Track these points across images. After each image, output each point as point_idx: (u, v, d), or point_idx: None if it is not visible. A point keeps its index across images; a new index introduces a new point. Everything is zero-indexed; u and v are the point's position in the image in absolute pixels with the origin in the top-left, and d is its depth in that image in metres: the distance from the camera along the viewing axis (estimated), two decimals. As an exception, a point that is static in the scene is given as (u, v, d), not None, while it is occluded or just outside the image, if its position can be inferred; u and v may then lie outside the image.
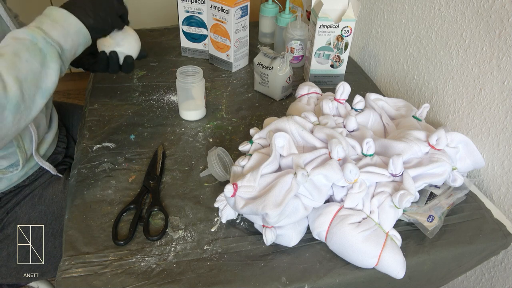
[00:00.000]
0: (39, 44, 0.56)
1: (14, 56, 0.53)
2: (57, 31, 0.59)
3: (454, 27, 0.77)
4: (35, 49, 0.55)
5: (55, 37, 0.58)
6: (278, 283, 0.57)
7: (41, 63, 0.56)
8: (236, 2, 0.95)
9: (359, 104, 0.76)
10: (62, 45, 0.59)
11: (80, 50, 0.64)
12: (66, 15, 0.60)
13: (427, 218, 0.63)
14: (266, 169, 0.58)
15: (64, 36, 0.59)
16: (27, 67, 0.54)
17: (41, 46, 0.56)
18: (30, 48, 0.55)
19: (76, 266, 0.57)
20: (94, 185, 0.70)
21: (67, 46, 0.60)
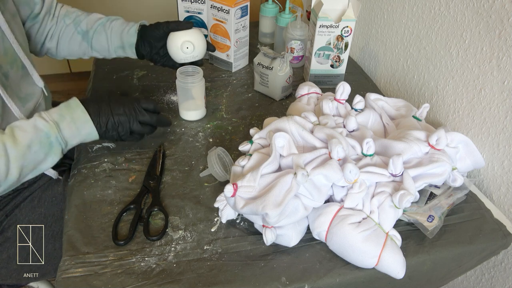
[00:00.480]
0: (51, 139, 0.64)
1: (27, 148, 0.61)
2: (70, 131, 0.66)
3: (454, 27, 0.77)
4: (46, 143, 0.63)
5: (66, 136, 0.65)
6: (278, 283, 0.57)
7: (45, 154, 0.64)
8: (236, 2, 0.95)
9: (359, 104, 0.76)
10: (69, 142, 0.67)
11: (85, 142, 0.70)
12: (84, 119, 0.67)
13: (427, 218, 0.63)
14: (266, 169, 0.58)
15: (74, 136, 0.67)
16: (32, 157, 0.62)
17: (51, 141, 0.64)
18: (43, 141, 0.63)
19: (76, 266, 0.57)
20: (94, 185, 0.70)
21: (73, 143, 0.68)
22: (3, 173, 0.59)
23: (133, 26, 0.85)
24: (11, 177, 0.60)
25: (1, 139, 0.60)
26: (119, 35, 0.85)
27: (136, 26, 0.85)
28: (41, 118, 0.63)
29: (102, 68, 1.04)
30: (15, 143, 0.60)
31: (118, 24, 0.86)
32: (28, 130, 0.62)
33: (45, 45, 0.86)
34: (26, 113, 0.73)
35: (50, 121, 0.64)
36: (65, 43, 0.86)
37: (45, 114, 0.65)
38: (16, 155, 0.60)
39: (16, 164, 0.60)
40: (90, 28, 0.85)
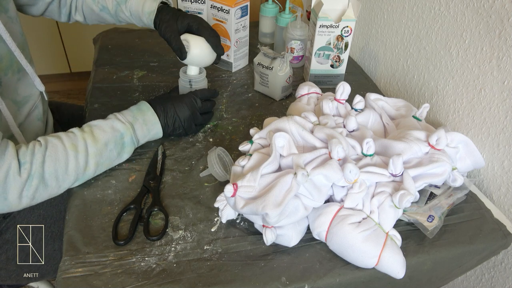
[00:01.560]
0: (125, 139, 0.70)
1: (104, 145, 0.67)
2: (142, 132, 0.72)
3: (454, 27, 0.77)
4: (120, 142, 0.69)
5: (139, 136, 0.72)
6: (278, 283, 0.57)
7: (118, 153, 0.70)
8: (236, 2, 0.95)
9: (359, 104, 0.76)
10: (140, 142, 0.73)
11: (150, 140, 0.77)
12: (154, 121, 0.74)
13: (427, 218, 0.63)
14: (266, 169, 0.58)
15: (144, 136, 0.73)
16: (108, 155, 0.68)
17: (125, 140, 0.70)
18: (118, 141, 0.69)
19: (76, 266, 0.57)
20: (94, 185, 0.70)
21: (142, 142, 0.74)
22: (82, 168, 0.65)
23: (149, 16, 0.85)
24: (88, 172, 0.66)
25: (82, 136, 0.65)
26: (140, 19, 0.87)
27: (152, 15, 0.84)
28: (118, 120, 0.69)
29: (102, 68, 1.04)
30: (94, 141, 0.65)
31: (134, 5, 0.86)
32: (107, 130, 0.67)
33: (73, 17, 0.91)
34: (22, 116, 0.73)
35: (126, 123, 0.70)
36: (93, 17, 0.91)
37: (119, 115, 0.71)
38: (95, 152, 0.65)
39: (94, 160, 0.65)
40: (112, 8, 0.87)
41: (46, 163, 0.60)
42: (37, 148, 0.61)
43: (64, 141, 0.63)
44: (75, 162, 0.63)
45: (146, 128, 0.72)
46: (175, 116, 0.76)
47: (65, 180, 0.63)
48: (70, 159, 0.63)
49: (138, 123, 0.71)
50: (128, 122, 0.70)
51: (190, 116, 0.77)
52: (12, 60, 0.70)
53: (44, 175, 0.60)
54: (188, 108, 0.77)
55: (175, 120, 0.76)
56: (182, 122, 0.76)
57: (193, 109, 0.78)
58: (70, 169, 0.63)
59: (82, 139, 0.64)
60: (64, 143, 0.63)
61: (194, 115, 0.78)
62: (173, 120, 0.76)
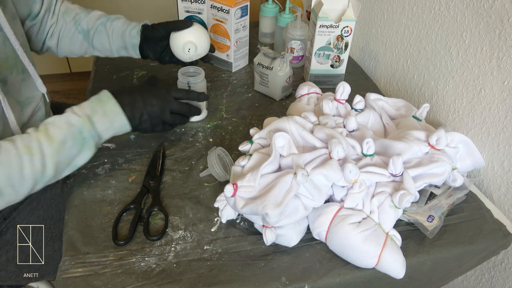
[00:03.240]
0: (84, 133, 0.64)
1: (61, 143, 0.61)
2: (103, 125, 0.66)
3: (454, 27, 0.77)
4: (79, 138, 0.63)
5: (99, 130, 0.65)
6: (278, 283, 0.57)
7: (79, 149, 0.64)
8: (236, 2, 0.95)
9: (359, 104, 0.76)
10: (102, 136, 0.67)
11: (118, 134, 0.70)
12: (117, 112, 0.67)
13: (427, 218, 0.63)
14: (266, 169, 0.58)
15: (107, 129, 0.66)
16: (67, 153, 0.62)
17: (85, 135, 0.64)
18: (76, 136, 0.63)
19: (76, 266, 0.57)
20: (94, 185, 0.70)
21: (106, 136, 0.67)
22: (40, 170, 0.60)
23: (135, 27, 0.84)
24: (47, 174, 0.61)
25: (36, 137, 0.60)
26: (121, 36, 0.84)
27: (138, 27, 0.84)
28: (74, 113, 0.64)
29: (102, 68, 1.04)
30: (49, 140, 0.61)
31: (119, 24, 0.85)
32: (62, 126, 0.62)
33: (46, 43, 0.86)
34: (25, 117, 0.73)
35: (83, 116, 0.64)
36: (66, 41, 0.85)
37: (76, 108, 0.65)
38: (51, 152, 0.60)
39: (52, 161, 0.61)
40: (91, 28, 0.84)
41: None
42: None
43: (17, 144, 0.59)
44: (31, 165, 0.58)
45: (107, 120, 0.66)
46: (142, 109, 0.69)
47: (22, 186, 0.59)
48: (24, 163, 0.58)
49: (97, 115, 0.65)
50: (85, 115, 0.64)
51: (158, 111, 0.71)
52: (17, 60, 0.69)
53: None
54: (158, 103, 0.71)
55: (143, 113, 0.69)
56: (149, 117, 0.70)
57: (164, 105, 0.71)
58: (26, 174, 0.58)
59: (36, 140, 0.60)
60: (17, 146, 0.58)
61: (163, 111, 0.72)
62: (141, 112, 0.69)
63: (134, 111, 0.68)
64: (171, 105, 0.73)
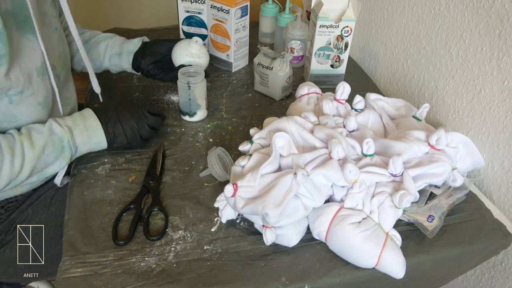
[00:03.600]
0: (64, 143, 0.66)
1: (42, 149, 0.64)
2: (82, 138, 0.69)
3: (454, 27, 0.77)
4: (58, 146, 0.66)
5: (77, 142, 0.68)
6: (278, 283, 0.57)
7: (56, 157, 0.66)
8: (236, 2, 0.95)
9: (359, 104, 0.76)
10: (79, 149, 0.69)
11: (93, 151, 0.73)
12: (97, 127, 0.70)
13: (427, 218, 0.63)
14: (266, 169, 0.58)
15: (84, 144, 0.69)
16: (45, 159, 0.65)
17: (64, 145, 0.66)
18: (56, 144, 0.65)
19: (76, 266, 0.57)
20: (94, 185, 0.70)
21: (82, 150, 0.70)
22: (17, 172, 0.61)
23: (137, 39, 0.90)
24: (22, 176, 0.63)
25: (19, 140, 0.62)
26: (120, 44, 0.89)
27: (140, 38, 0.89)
28: (56, 123, 0.66)
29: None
30: (32, 145, 0.63)
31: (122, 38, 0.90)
32: (44, 133, 0.65)
33: None
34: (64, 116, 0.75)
35: (64, 126, 0.67)
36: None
37: (58, 119, 0.68)
38: (31, 156, 0.62)
39: (30, 165, 0.62)
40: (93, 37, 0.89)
41: None
42: None
43: (1, 143, 0.60)
44: (10, 166, 0.60)
45: (86, 134, 0.68)
46: (116, 122, 0.71)
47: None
48: (5, 162, 0.59)
49: (77, 128, 0.68)
50: (66, 126, 0.67)
51: (133, 125, 0.72)
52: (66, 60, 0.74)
53: None
54: (133, 116, 0.73)
55: (117, 127, 0.71)
56: (124, 130, 0.72)
57: (139, 119, 0.73)
58: (4, 173, 0.60)
59: (19, 143, 0.61)
60: (1, 145, 0.60)
61: (140, 125, 0.73)
62: (114, 126, 0.71)
63: (109, 125, 0.71)
64: (147, 119, 0.75)
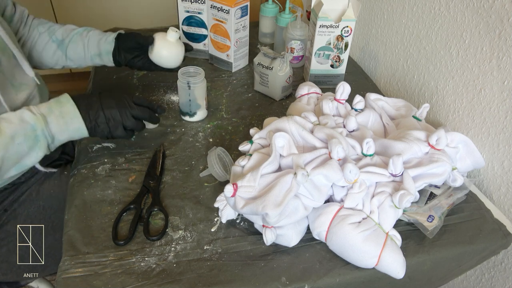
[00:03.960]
0: (37, 132, 0.62)
1: (10, 138, 0.60)
2: (58, 126, 0.64)
3: (454, 27, 0.77)
4: (31, 136, 0.62)
5: (53, 130, 0.64)
6: (278, 283, 0.57)
7: (30, 147, 0.62)
8: (236, 2, 0.95)
9: (359, 104, 0.76)
10: (56, 138, 0.65)
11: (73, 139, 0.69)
12: (74, 113, 0.66)
13: (427, 218, 0.63)
14: (266, 169, 0.58)
15: (62, 131, 0.65)
16: (15, 149, 0.61)
17: (37, 134, 0.62)
18: (28, 133, 0.61)
19: (76, 266, 0.57)
20: (94, 185, 0.70)
21: (60, 138, 0.66)
22: None
23: (110, 35, 0.86)
24: None
25: None
26: (97, 43, 0.85)
27: (113, 35, 0.85)
28: (29, 111, 0.63)
29: (102, 68, 1.04)
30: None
31: (95, 33, 0.86)
32: (14, 122, 0.61)
33: None
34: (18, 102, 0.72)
35: (38, 114, 0.63)
36: (38, 51, 0.85)
37: (33, 107, 0.64)
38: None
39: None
40: (66, 37, 0.85)
41: None
42: None
43: None
44: None
45: (63, 121, 0.64)
46: (99, 110, 0.67)
47: None
48: None
49: (53, 115, 0.64)
50: (40, 113, 0.63)
51: (117, 113, 0.68)
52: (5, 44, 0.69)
53: None
54: (116, 105, 0.69)
55: (99, 114, 0.67)
56: (106, 118, 0.68)
57: (122, 108, 0.69)
58: None
59: None
60: None
61: (123, 115, 0.69)
62: (96, 114, 0.67)
63: (91, 113, 0.67)
64: (132, 109, 0.70)
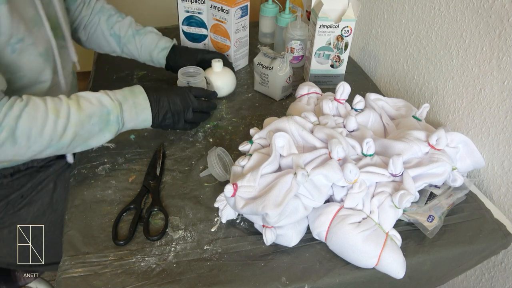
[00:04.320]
0: (111, 117, 0.66)
1: (88, 117, 0.63)
2: (130, 115, 0.68)
3: (454, 27, 0.77)
4: (105, 119, 0.65)
5: (125, 118, 0.68)
6: (278, 283, 0.57)
7: (100, 129, 0.66)
8: (236, 2, 0.95)
9: (359, 104, 0.76)
10: (125, 125, 0.69)
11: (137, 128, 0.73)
12: (145, 106, 0.70)
13: (427, 218, 0.63)
14: (266, 169, 0.58)
15: (131, 120, 0.69)
16: (89, 129, 0.64)
17: (111, 118, 0.66)
18: (103, 116, 0.65)
19: (76, 266, 0.57)
20: (94, 185, 0.70)
21: (128, 126, 0.70)
22: (59, 134, 0.61)
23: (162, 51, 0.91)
24: (64, 141, 0.62)
25: (67, 103, 0.62)
26: (149, 54, 0.91)
27: (165, 52, 0.90)
28: (107, 95, 0.66)
29: (102, 68, 1.04)
30: (78, 110, 0.63)
31: (148, 41, 0.91)
32: (93, 102, 0.65)
33: (77, 34, 0.91)
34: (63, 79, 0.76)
35: (115, 100, 0.66)
36: (98, 39, 0.91)
37: (110, 92, 0.68)
38: (76, 121, 0.62)
39: (73, 130, 0.62)
40: (123, 36, 0.90)
41: (22, 118, 0.58)
42: (17, 102, 0.59)
43: (47, 103, 0.61)
44: (53, 126, 0.60)
45: (135, 111, 0.69)
46: (167, 107, 0.73)
47: (36, 142, 0.60)
48: (48, 121, 0.60)
49: (127, 104, 0.68)
50: (117, 100, 0.67)
51: (181, 110, 0.75)
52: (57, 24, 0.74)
53: (16, 131, 0.57)
54: (181, 101, 0.74)
55: (166, 111, 0.73)
56: (172, 114, 0.74)
57: (186, 104, 0.75)
58: (46, 132, 0.60)
59: (66, 106, 0.62)
60: (47, 105, 0.60)
61: (186, 110, 0.75)
62: (165, 111, 0.73)
63: (160, 109, 0.72)
64: (193, 104, 0.76)
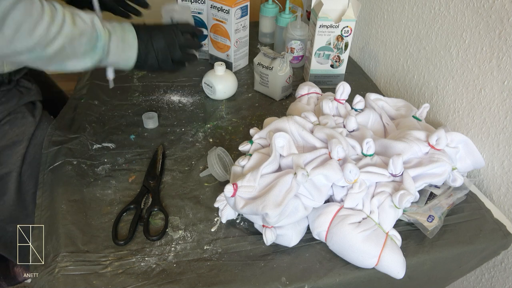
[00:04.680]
0: (98, 43, 0.63)
1: (79, 34, 0.60)
2: (116, 47, 0.65)
3: (454, 27, 0.77)
4: (93, 43, 0.62)
5: (111, 49, 0.65)
6: (278, 283, 0.57)
7: (85, 52, 0.62)
8: (236, 2, 0.95)
9: (359, 104, 0.76)
10: (110, 57, 0.66)
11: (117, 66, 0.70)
12: (132, 44, 0.67)
13: (427, 218, 0.63)
14: (266, 169, 0.58)
15: (115, 54, 0.66)
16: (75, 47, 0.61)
17: (97, 44, 0.63)
18: (92, 39, 0.62)
19: (76, 265, 0.57)
20: (94, 184, 0.70)
21: (109, 60, 0.66)
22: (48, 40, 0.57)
23: None
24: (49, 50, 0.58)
25: (62, 12, 0.59)
26: None
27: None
28: (99, 22, 0.63)
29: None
30: (73, 23, 0.60)
31: None
32: (87, 22, 0.62)
33: None
34: None
35: (105, 29, 0.64)
36: None
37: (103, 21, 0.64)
38: (67, 33, 0.59)
39: (62, 41, 0.59)
40: None
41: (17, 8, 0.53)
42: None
43: (44, 4, 0.57)
44: (46, 29, 0.56)
45: (121, 46, 0.66)
46: (148, 43, 0.68)
47: (23, 39, 0.55)
48: (42, 23, 0.56)
49: (115, 36, 0.65)
50: (107, 28, 0.64)
51: (165, 46, 0.69)
52: None
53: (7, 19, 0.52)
54: (164, 37, 0.69)
55: (149, 50, 0.68)
56: (155, 51, 0.69)
57: (170, 40, 0.69)
58: (36, 33, 0.55)
59: (61, 14, 0.58)
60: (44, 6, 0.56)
61: (171, 47, 0.70)
62: (147, 49, 0.68)
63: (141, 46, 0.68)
64: (180, 40, 0.71)
